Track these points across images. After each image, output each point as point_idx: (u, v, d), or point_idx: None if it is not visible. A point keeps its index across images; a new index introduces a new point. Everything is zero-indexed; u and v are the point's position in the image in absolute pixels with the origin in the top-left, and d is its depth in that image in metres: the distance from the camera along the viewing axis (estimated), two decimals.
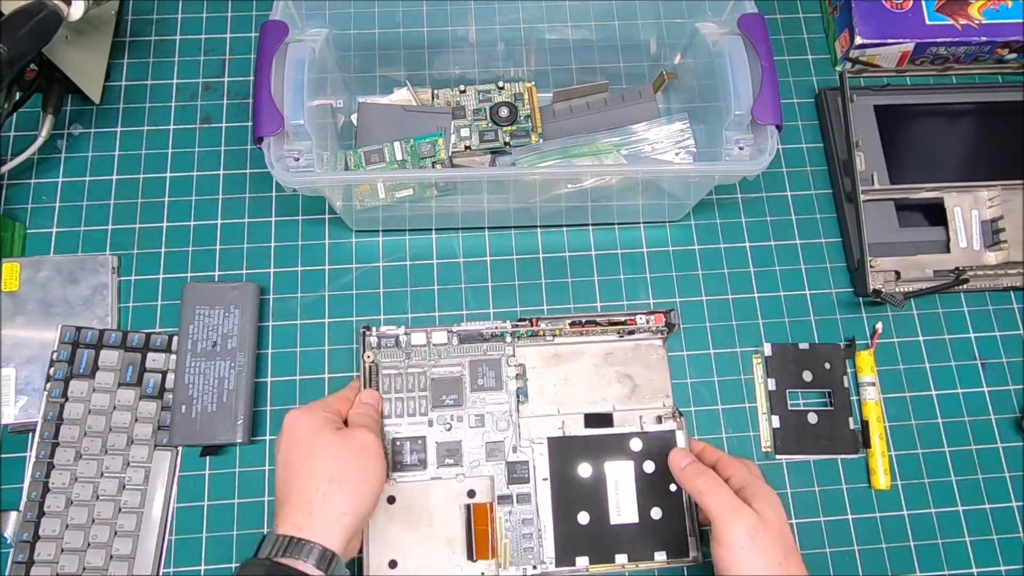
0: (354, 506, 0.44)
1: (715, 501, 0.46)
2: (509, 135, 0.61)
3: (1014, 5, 0.64)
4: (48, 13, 0.52)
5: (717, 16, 0.56)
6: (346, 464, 0.45)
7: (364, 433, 0.47)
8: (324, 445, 0.46)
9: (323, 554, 0.42)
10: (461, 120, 0.62)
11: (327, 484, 0.44)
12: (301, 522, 0.43)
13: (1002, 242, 0.60)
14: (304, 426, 0.47)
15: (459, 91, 0.63)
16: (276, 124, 0.48)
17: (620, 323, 0.57)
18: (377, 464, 0.46)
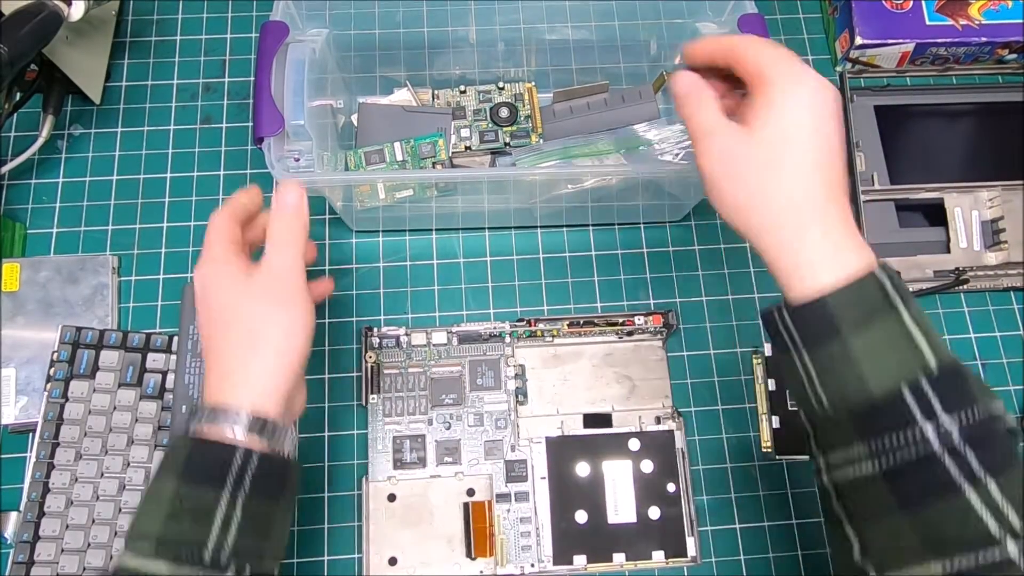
0: (277, 363, 0.40)
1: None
2: (509, 135, 0.61)
3: (1014, 5, 0.64)
4: (48, 13, 0.52)
5: (717, 16, 0.56)
6: (258, 318, 0.40)
7: (273, 281, 0.41)
8: (227, 296, 0.41)
9: (251, 418, 0.38)
10: (461, 120, 0.61)
11: (243, 346, 0.40)
12: (223, 389, 0.39)
13: (1002, 242, 0.60)
14: (205, 283, 0.41)
15: (459, 91, 0.62)
16: (276, 124, 0.48)
17: (618, 324, 0.57)
18: (295, 307, 0.41)
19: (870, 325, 0.33)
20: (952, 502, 0.31)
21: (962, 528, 0.31)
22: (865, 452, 0.33)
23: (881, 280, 0.34)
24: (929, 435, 0.31)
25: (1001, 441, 0.33)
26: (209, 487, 0.37)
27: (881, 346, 0.33)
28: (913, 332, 0.33)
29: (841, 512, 0.35)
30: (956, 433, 0.31)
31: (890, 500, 0.32)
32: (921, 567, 0.32)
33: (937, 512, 0.32)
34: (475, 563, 0.52)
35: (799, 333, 0.35)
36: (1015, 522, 0.30)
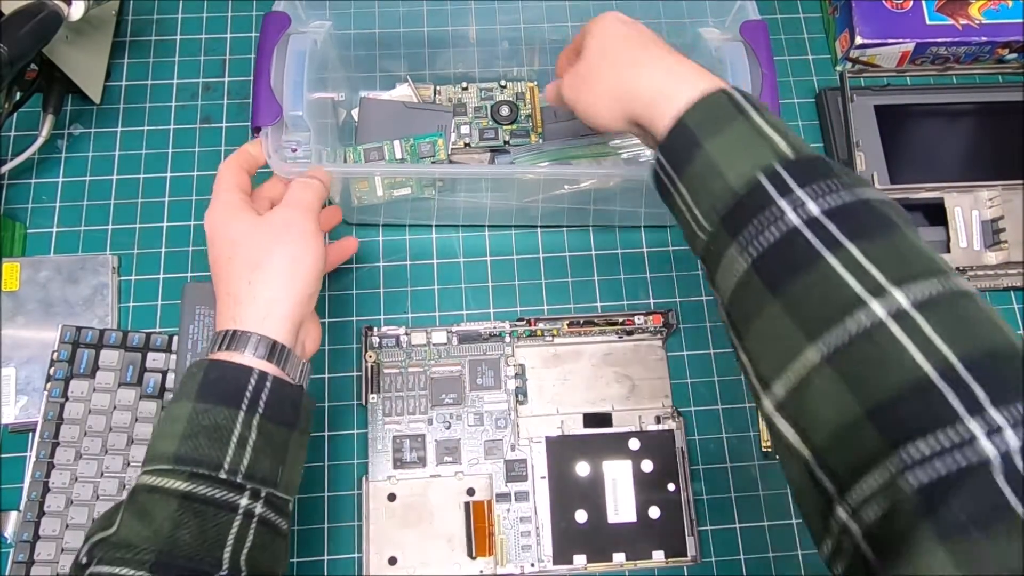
0: (286, 291, 0.40)
1: None
2: (509, 134, 0.61)
3: (1014, 5, 0.64)
4: (48, 13, 0.52)
5: (720, 22, 0.55)
6: (268, 247, 0.41)
7: (286, 211, 0.43)
8: (241, 231, 0.42)
9: (261, 342, 0.39)
10: (462, 117, 0.62)
11: (251, 272, 0.40)
12: (234, 315, 0.40)
13: (1002, 242, 0.60)
14: (217, 218, 0.43)
15: (461, 88, 0.63)
16: (274, 114, 0.48)
17: (618, 323, 0.57)
18: (305, 241, 0.42)
19: (724, 129, 0.35)
20: (814, 271, 0.30)
21: (827, 296, 0.30)
22: (737, 250, 0.33)
23: (730, 93, 0.36)
24: (786, 209, 0.32)
25: (871, 213, 0.32)
26: (224, 406, 0.37)
27: (736, 146, 0.35)
28: (766, 130, 0.35)
29: (733, 335, 0.35)
30: (814, 206, 0.31)
31: (761, 290, 0.32)
32: (800, 359, 0.30)
33: (802, 285, 0.31)
34: (475, 563, 0.52)
35: (670, 162, 0.37)
36: (879, 279, 0.29)
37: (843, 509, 0.28)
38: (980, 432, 0.25)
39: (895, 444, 0.26)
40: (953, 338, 0.27)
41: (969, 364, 0.27)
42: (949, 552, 0.24)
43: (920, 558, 0.25)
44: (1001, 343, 0.28)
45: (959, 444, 0.25)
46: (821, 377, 0.29)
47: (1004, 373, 0.27)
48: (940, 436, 0.26)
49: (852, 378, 0.28)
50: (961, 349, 0.27)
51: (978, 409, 0.26)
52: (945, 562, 0.24)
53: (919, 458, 0.26)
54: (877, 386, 0.28)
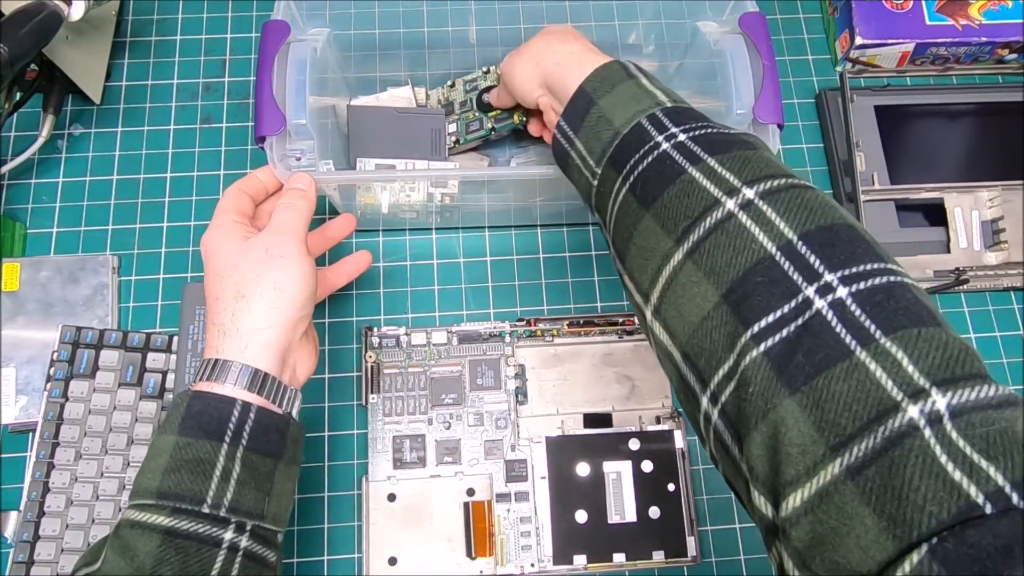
0: (268, 319, 0.40)
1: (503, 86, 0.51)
2: (493, 120, 0.58)
3: (1014, 5, 0.64)
4: (48, 13, 0.52)
5: (718, 16, 0.55)
6: (251, 276, 0.41)
7: (269, 237, 0.42)
8: (228, 258, 0.41)
9: (243, 371, 0.38)
10: (451, 116, 0.60)
11: (235, 302, 0.40)
12: (218, 345, 0.40)
13: (1002, 242, 0.60)
14: (209, 243, 0.43)
15: (448, 87, 0.61)
16: (278, 124, 0.48)
17: (618, 323, 0.57)
18: (288, 268, 0.41)
19: (615, 88, 0.39)
20: (678, 183, 0.33)
21: (689, 201, 0.33)
22: (620, 182, 0.37)
23: (624, 63, 0.41)
24: (660, 140, 0.35)
25: (731, 137, 0.35)
26: (207, 440, 0.37)
27: (624, 99, 0.39)
28: (649, 87, 0.39)
29: (618, 263, 0.38)
30: (683, 136, 0.35)
31: (636, 208, 0.35)
32: (667, 261, 0.33)
33: (668, 197, 0.33)
34: (475, 563, 0.52)
35: (569, 124, 0.40)
36: (732, 181, 0.32)
37: (707, 400, 0.31)
38: (813, 293, 0.28)
39: (746, 323, 0.29)
40: (792, 220, 0.30)
41: (806, 239, 0.29)
42: (798, 403, 0.26)
43: (774, 418, 0.27)
44: (836, 220, 0.31)
45: (797, 307, 0.28)
46: (684, 273, 0.32)
47: (836, 243, 0.29)
48: (783, 305, 0.28)
49: (708, 269, 0.31)
50: (800, 228, 0.30)
51: (814, 276, 0.28)
52: (796, 414, 0.26)
53: (765, 327, 0.28)
54: (728, 271, 0.30)
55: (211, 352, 0.40)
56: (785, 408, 0.26)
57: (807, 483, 0.25)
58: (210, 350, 0.40)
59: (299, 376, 0.44)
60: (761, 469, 0.27)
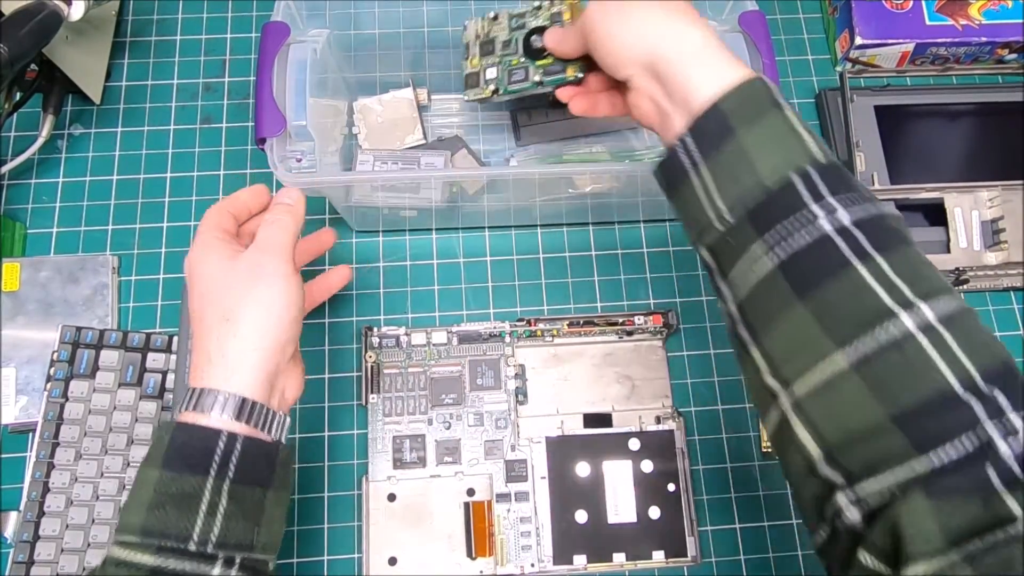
0: (255, 342, 0.38)
1: (575, 27, 0.42)
2: (542, 71, 0.48)
3: (1014, 5, 0.64)
4: (48, 13, 0.52)
5: (717, 15, 0.55)
6: (237, 296, 0.39)
7: (254, 255, 0.40)
8: (210, 279, 0.40)
9: (230, 400, 0.37)
10: (489, 57, 0.51)
11: (220, 325, 0.38)
12: (203, 371, 0.38)
13: (1002, 242, 0.60)
14: (192, 261, 0.41)
15: (490, 19, 0.52)
16: (279, 125, 0.48)
17: (618, 323, 0.57)
18: (275, 287, 0.39)
19: (759, 121, 0.34)
20: (845, 279, 0.31)
21: (857, 305, 0.31)
22: (763, 249, 0.33)
23: (766, 82, 0.36)
24: (819, 214, 0.32)
25: (890, 227, 0.33)
26: (191, 473, 0.36)
27: (771, 139, 0.34)
28: (798, 128, 0.35)
29: (746, 333, 0.35)
30: (844, 214, 0.32)
31: (787, 292, 0.32)
32: (825, 361, 0.31)
33: (832, 292, 0.31)
34: (475, 563, 0.52)
35: (697, 145, 0.35)
36: (907, 293, 0.30)
37: (845, 497, 0.30)
38: (997, 434, 0.28)
39: (921, 448, 0.29)
40: (972, 352, 0.30)
41: (986, 376, 0.29)
42: (961, 558, 0.27)
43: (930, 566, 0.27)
44: (1007, 357, 0.30)
45: (980, 447, 0.28)
46: (847, 382, 0.30)
47: (1015, 384, 0.29)
48: (964, 441, 0.28)
49: (879, 385, 0.30)
50: (979, 363, 0.29)
51: (998, 414, 0.28)
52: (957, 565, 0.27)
53: (940, 468, 0.28)
54: (904, 394, 0.29)
55: (196, 379, 0.38)
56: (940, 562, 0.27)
57: None
58: (195, 377, 0.38)
59: (287, 398, 0.42)
60: None
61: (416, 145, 0.62)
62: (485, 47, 0.51)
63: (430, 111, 0.64)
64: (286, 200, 0.44)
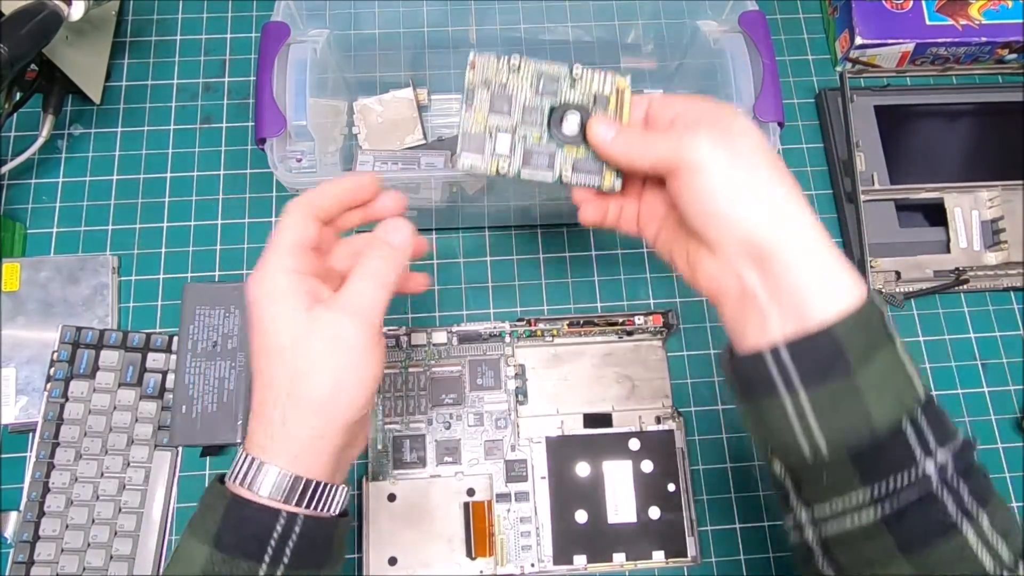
0: (324, 427, 0.34)
1: (660, 145, 0.34)
2: (572, 165, 0.38)
3: (1014, 5, 0.64)
4: (48, 13, 0.52)
5: (717, 14, 0.56)
6: (309, 364, 0.33)
7: (335, 318, 0.34)
8: (280, 336, 0.34)
9: (293, 482, 0.33)
10: (502, 117, 0.38)
11: (287, 399, 0.34)
12: (263, 442, 0.34)
13: (1002, 242, 0.60)
14: (257, 297, 0.35)
15: (509, 64, 0.39)
16: (279, 125, 0.48)
17: (618, 323, 0.57)
18: (357, 361, 0.34)
19: (875, 356, 0.31)
20: (952, 541, 0.30)
21: (961, 567, 0.30)
22: (867, 498, 0.31)
23: (879, 306, 0.32)
24: (930, 472, 0.30)
25: (979, 468, 0.32)
26: (244, 558, 0.33)
27: (884, 379, 0.31)
28: (905, 361, 0.32)
29: (831, 571, 0.33)
30: (951, 467, 0.31)
31: (891, 546, 0.31)
32: None
33: (938, 553, 0.30)
34: (475, 563, 0.52)
35: (797, 364, 0.31)
36: (1005, 556, 0.30)
37: None
38: None
39: None
40: None
41: None
42: None
43: None
44: None
45: None
46: None
47: None
48: None
49: None
50: None
51: None
52: None
53: None
54: None
55: (253, 446, 0.34)
56: None
57: None
58: (252, 443, 0.34)
59: (352, 455, 0.38)
60: None
61: (416, 145, 0.62)
62: (499, 102, 0.39)
63: (430, 111, 0.64)
64: (392, 240, 0.37)
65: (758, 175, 0.33)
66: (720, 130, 0.33)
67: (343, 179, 0.38)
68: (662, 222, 0.39)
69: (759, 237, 0.32)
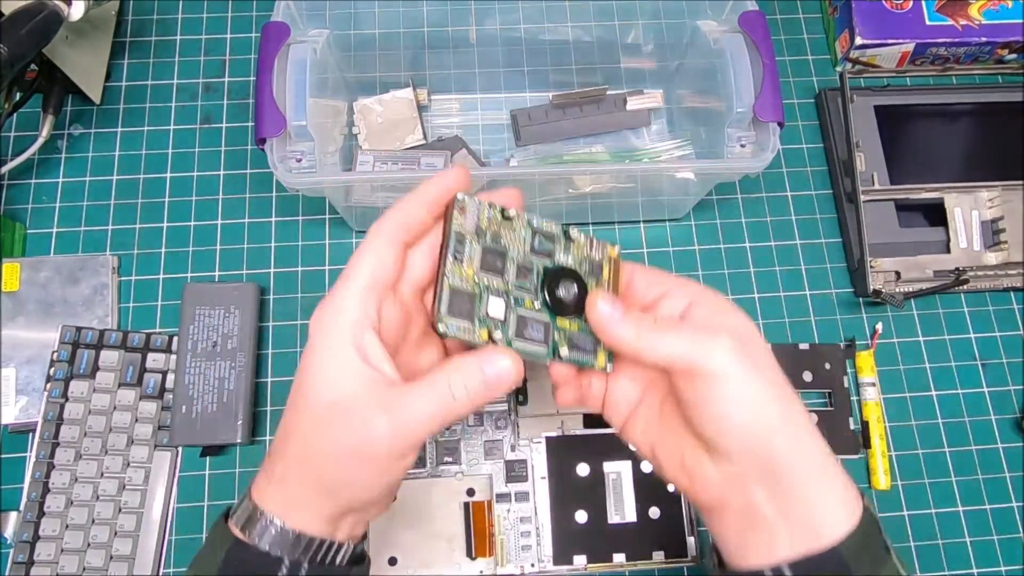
0: (322, 503, 0.32)
1: (675, 344, 0.31)
2: (567, 340, 0.35)
3: (1014, 5, 0.64)
4: (48, 13, 0.52)
5: (717, 14, 0.56)
6: (330, 447, 0.31)
7: (381, 422, 0.30)
8: (319, 387, 0.31)
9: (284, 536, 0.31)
10: (494, 277, 0.34)
11: (292, 459, 0.32)
12: (264, 487, 0.33)
13: (1002, 242, 0.60)
14: (317, 339, 0.32)
15: (501, 215, 0.35)
16: (279, 126, 0.48)
17: None
18: (383, 468, 0.31)
19: (877, 572, 0.30)
20: None
21: None
22: None
23: (875, 516, 0.31)
24: None
25: None
26: None
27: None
28: (902, 572, 0.31)
29: None
30: None
31: None
32: None
33: None
34: (475, 563, 0.52)
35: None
36: None
37: None
38: None
39: None
40: None
41: None
42: None
43: None
44: None
45: None
46: None
47: None
48: None
49: None
50: None
51: None
52: None
53: None
54: None
55: (256, 488, 0.33)
56: None
57: None
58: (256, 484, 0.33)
59: (365, 518, 0.35)
60: None
61: (416, 145, 0.62)
62: (490, 257, 0.34)
63: (430, 111, 0.64)
64: (486, 370, 0.32)
65: (774, 389, 0.31)
66: (739, 338, 0.31)
67: (430, 184, 0.33)
68: (637, 411, 0.36)
69: (776, 453, 0.31)
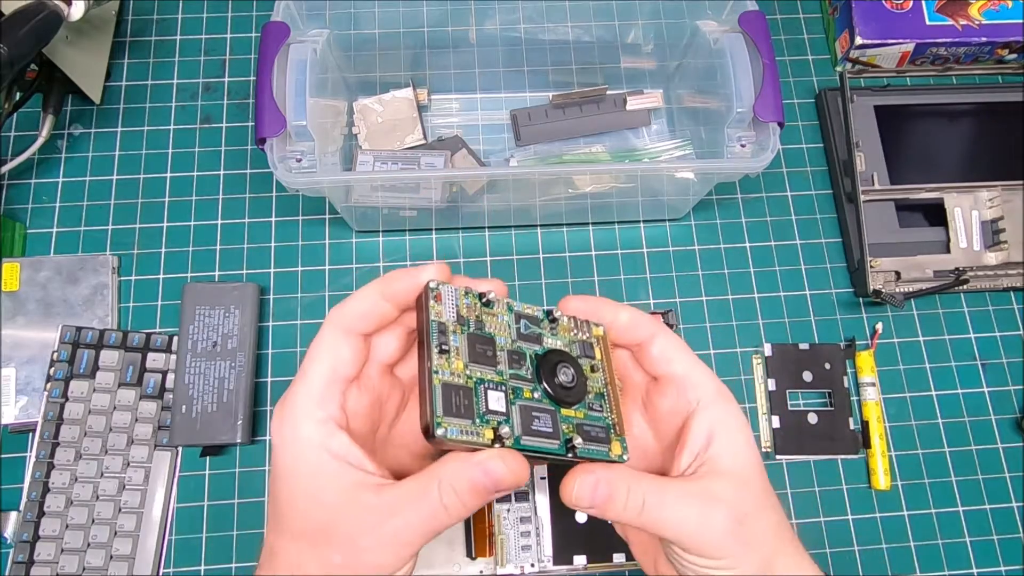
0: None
1: (667, 526, 0.29)
2: (575, 427, 0.31)
3: (1014, 5, 0.64)
4: (48, 13, 0.52)
5: (717, 14, 0.56)
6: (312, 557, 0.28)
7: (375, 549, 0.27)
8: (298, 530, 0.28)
9: None
10: (486, 368, 0.30)
11: (267, 552, 0.30)
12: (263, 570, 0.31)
13: (1002, 242, 0.60)
14: (282, 442, 0.29)
15: (479, 300, 0.32)
16: (279, 125, 0.48)
17: None
18: None
19: None
20: None
21: None
22: None
23: None
24: None
25: None
26: None
27: None
28: None
29: None
30: None
31: None
32: None
33: None
34: (475, 563, 0.52)
35: None
36: None
37: None
38: None
39: None
40: None
41: None
42: None
43: None
44: None
45: None
46: None
47: None
48: None
49: None
50: None
51: None
52: None
53: None
54: None
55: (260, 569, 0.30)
56: None
57: None
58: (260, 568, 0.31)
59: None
60: None
61: (416, 145, 0.62)
62: (478, 346, 0.31)
63: (430, 111, 0.64)
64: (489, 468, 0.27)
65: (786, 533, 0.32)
66: (738, 502, 0.30)
67: (398, 276, 0.30)
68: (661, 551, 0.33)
69: None
